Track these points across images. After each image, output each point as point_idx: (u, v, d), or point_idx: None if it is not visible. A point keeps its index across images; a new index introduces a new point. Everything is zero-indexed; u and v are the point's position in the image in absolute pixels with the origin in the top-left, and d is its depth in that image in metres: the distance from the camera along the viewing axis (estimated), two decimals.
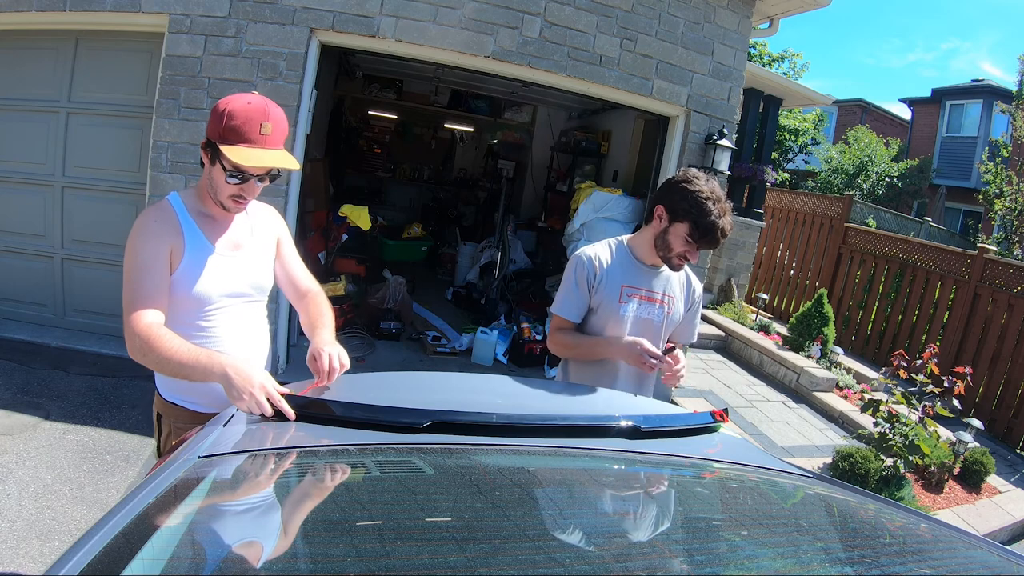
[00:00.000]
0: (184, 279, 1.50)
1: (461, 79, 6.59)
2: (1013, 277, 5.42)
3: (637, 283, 1.92)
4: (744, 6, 4.38)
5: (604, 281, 1.90)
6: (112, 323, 4.00)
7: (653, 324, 1.94)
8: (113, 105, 3.75)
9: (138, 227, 1.50)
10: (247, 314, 1.63)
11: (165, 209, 1.53)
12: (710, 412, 1.48)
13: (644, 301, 1.92)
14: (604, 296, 1.90)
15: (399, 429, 1.12)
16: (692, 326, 2.08)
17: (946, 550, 1.05)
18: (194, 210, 1.55)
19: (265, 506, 0.95)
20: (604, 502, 1.11)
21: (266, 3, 3.54)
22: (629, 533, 0.99)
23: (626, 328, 1.90)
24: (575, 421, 1.31)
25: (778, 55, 14.49)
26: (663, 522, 1.05)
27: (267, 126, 1.43)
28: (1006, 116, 12.27)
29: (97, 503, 2.52)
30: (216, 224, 1.56)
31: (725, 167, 4.42)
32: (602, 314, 1.91)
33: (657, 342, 1.94)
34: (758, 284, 8.21)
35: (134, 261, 1.48)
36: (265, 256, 1.66)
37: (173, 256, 1.49)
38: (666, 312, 1.95)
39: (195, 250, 1.51)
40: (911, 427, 3.77)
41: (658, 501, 1.16)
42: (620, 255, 1.95)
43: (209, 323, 1.55)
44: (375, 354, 4.64)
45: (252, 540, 0.83)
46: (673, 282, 1.98)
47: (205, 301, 1.53)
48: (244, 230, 1.62)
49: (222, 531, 0.85)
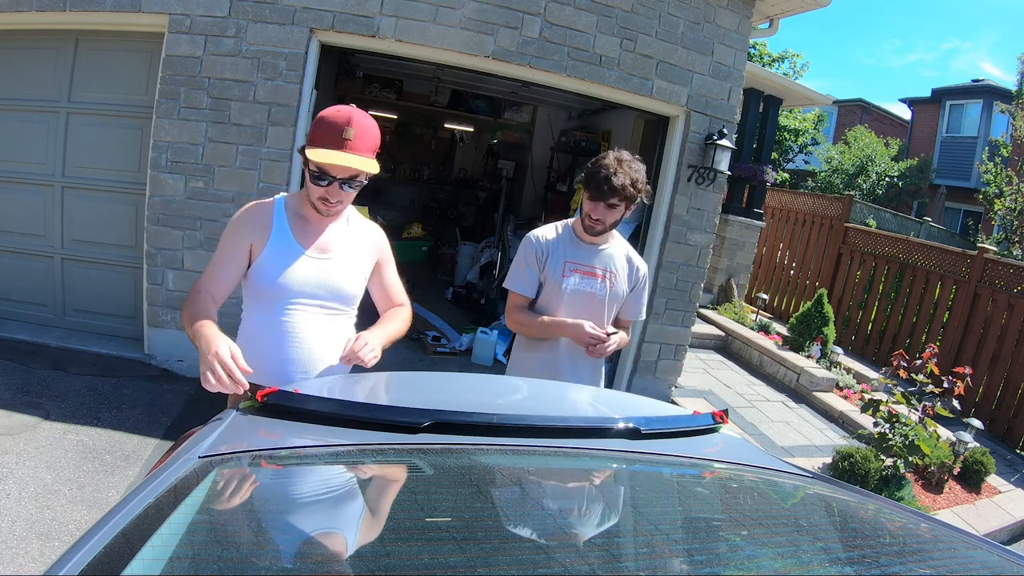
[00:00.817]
0: (261, 269, 1.61)
1: (461, 79, 6.58)
2: (1013, 277, 5.42)
3: (578, 259, 2.10)
4: (744, 6, 4.38)
5: (550, 257, 2.10)
6: (112, 323, 4.00)
7: (596, 297, 2.11)
8: (113, 105, 3.74)
9: (234, 217, 1.65)
10: (328, 324, 1.68)
11: (265, 204, 1.66)
12: (710, 413, 1.48)
13: (586, 276, 2.10)
14: (550, 271, 2.09)
15: (399, 429, 1.12)
16: (639, 304, 2.23)
17: (946, 550, 1.05)
18: (292, 210, 1.66)
19: (265, 506, 0.95)
20: (604, 502, 1.11)
21: (266, 3, 3.54)
22: (629, 533, 0.99)
23: (568, 300, 2.08)
24: (575, 422, 1.31)
25: (778, 55, 14.49)
26: (663, 522, 1.05)
27: (350, 131, 1.52)
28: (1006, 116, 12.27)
29: (97, 503, 2.52)
30: (308, 226, 1.66)
31: (725, 167, 4.42)
32: (548, 288, 2.10)
33: (601, 315, 2.12)
34: (758, 284, 8.21)
35: (219, 246, 1.63)
36: (352, 267, 1.71)
37: (254, 249, 1.61)
38: (608, 287, 2.11)
39: (278, 244, 1.61)
40: (911, 427, 3.78)
41: (658, 501, 1.16)
42: (564, 234, 2.14)
43: (287, 320, 1.62)
44: None
45: (252, 540, 0.83)
46: (616, 260, 2.14)
47: (281, 294, 1.61)
48: (337, 237, 1.69)
49: (222, 531, 0.85)
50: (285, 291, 1.61)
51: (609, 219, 2.03)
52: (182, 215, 3.65)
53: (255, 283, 1.62)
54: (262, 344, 1.62)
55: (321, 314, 1.66)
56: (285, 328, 1.62)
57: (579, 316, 2.07)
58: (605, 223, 2.03)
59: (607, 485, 1.20)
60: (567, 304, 2.09)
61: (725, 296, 7.12)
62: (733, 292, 7.10)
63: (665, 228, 4.52)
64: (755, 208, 7.33)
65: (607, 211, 2.00)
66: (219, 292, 1.59)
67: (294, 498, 0.99)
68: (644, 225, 4.70)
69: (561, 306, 2.10)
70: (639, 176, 2.00)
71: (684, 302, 4.64)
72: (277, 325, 1.62)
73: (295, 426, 1.18)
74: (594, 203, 2.00)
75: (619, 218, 2.05)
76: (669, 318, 4.62)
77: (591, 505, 1.09)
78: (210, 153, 3.62)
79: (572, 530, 0.96)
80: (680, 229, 4.51)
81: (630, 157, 2.03)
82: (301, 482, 1.05)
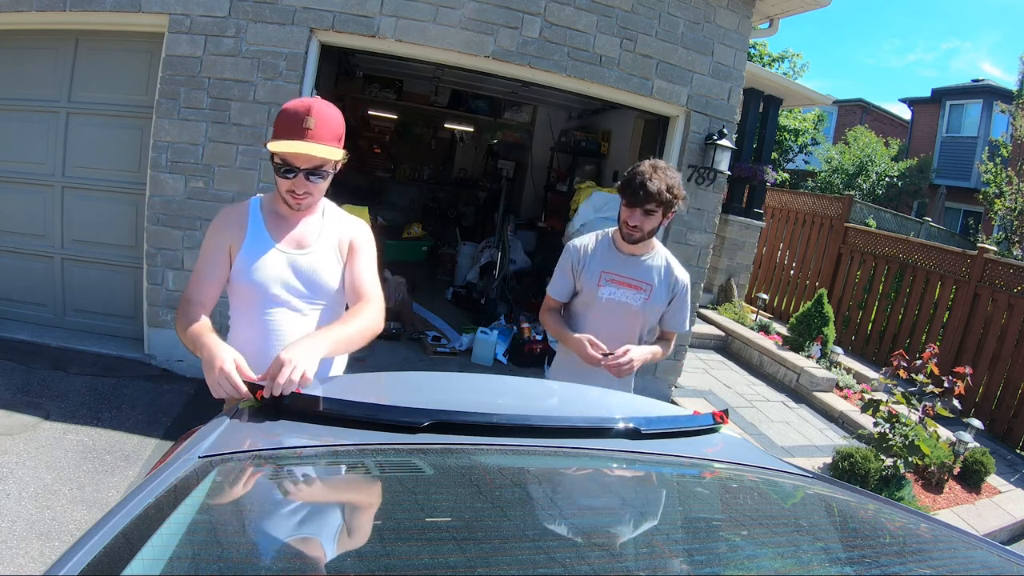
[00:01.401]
0: (240, 268, 1.61)
1: (461, 79, 6.58)
2: (1013, 277, 5.42)
3: (615, 269, 2.11)
4: (744, 6, 4.38)
5: (586, 267, 2.13)
6: (112, 323, 4.00)
7: (631, 308, 2.11)
8: (113, 105, 3.74)
9: (213, 221, 1.66)
10: (311, 319, 1.68)
11: (240, 206, 1.67)
12: (710, 414, 1.48)
13: (621, 286, 2.11)
14: (586, 280, 2.12)
15: (399, 429, 1.12)
16: (681, 315, 2.22)
17: (946, 550, 1.05)
18: (267, 208, 1.67)
19: (265, 506, 0.95)
20: (604, 502, 1.11)
21: (266, 3, 3.54)
22: (629, 533, 0.99)
23: (601, 309, 2.11)
24: (575, 422, 1.31)
25: (778, 55, 14.49)
26: (664, 522, 1.05)
27: (310, 120, 1.51)
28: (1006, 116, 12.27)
29: (97, 503, 2.52)
30: (283, 222, 1.66)
31: (725, 167, 4.43)
32: (584, 296, 2.14)
33: (636, 326, 2.14)
34: (758, 284, 8.21)
35: (200, 253, 1.65)
36: (330, 260, 1.69)
37: (233, 250, 1.62)
38: (644, 298, 2.12)
39: (253, 243, 1.62)
40: (911, 427, 3.77)
41: (658, 501, 1.16)
42: (603, 244, 2.17)
43: (270, 318, 1.63)
44: (375, 354, 4.64)
45: (252, 540, 0.83)
46: (654, 271, 2.14)
47: (261, 292, 1.62)
48: (312, 231, 1.68)
49: (222, 531, 0.85)
50: (264, 288, 1.61)
51: (647, 226, 2.03)
52: (182, 215, 3.65)
53: (236, 283, 1.63)
54: (248, 343, 1.61)
55: (303, 308, 1.66)
56: (268, 326, 1.64)
57: (612, 326, 2.10)
58: (643, 230, 2.04)
59: (607, 485, 1.20)
60: (601, 313, 2.12)
61: (725, 296, 7.12)
62: (733, 292, 7.10)
63: (665, 228, 4.52)
64: (755, 208, 7.33)
65: (644, 218, 2.01)
66: (207, 298, 1.59)
67: (294, 498, 0.99)
68: None
69: (596, 315, 2.13)
70: (674, 182, 2.02)
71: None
72: (261, 323, 1.64)
73: (295, 426, 1.18)
74: (631, 210, 2.02)
75: (657, 225, 2.06)
76: None
77: (591, 505, 1.09)
78: (210, 153, 3.62)
79: (572, 530, 0.95)
80: (680, 229, 4.51)
81: (665, 165, 2.06)
82: (301, 482, 1.05)
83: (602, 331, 2.11)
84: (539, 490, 1.11)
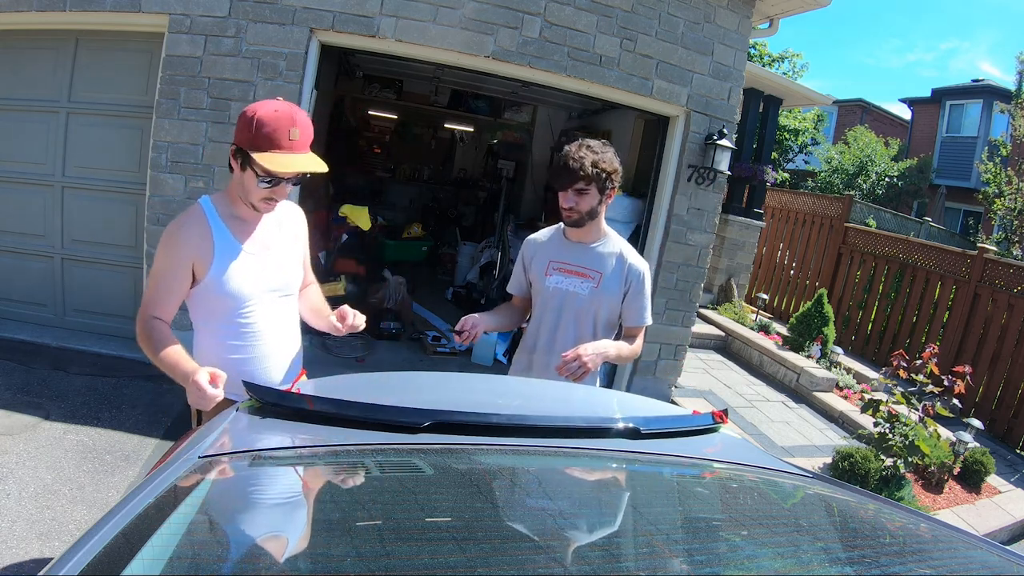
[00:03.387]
0: (216, 279, 1.58)
1: (461, 79, 6.58)
2: (1013, 277, 5.42)
3: (563, 258, 2.06)
4: (744, 6, 4.37)
5: (536, 258, 2.11)
6: (112, 323, 4.00)
7: (579, 297, 2.03)
8: (113, 105, 3.74)
9: (167, 234, 1.57)
10: (282, 309, 1.73)
11: (195, 215, 1.59)
12: (710, 413, 1.48)
13: (569, 275, 2.04)
14: (535, 271, 2.10)
15: (399, 429, 1.12)
16: (638, 306, 2.07)
17: (946, 550, 1.05)
18: (225, 213, 1.62)
19: (265, 506, 0.95)
20: (604, 502, 1.11)
21: (266, 3, 3.54)
22: (629, 533, 0.99)
23: (550, 299, 2.06)
24: (575, 422, 1.31)
25: (778, 55, 14.48)
26: (663, 522, 1.05)
27: (295, 132, 1.50)
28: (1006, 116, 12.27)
29: (97, 503, 2.52)
30: (246, 225, 1.64)
31: (725, 167, 4.42)
32: (535, 288, 2.11)
33: (586, 318, 2.05)
34: (758, 284, 8.21)
35: (156, 266, 1.59)
36: (292, 252, 1.75)
37: (199, 263, 1.56)
38: (593, 286, 2.03)
39: (225, 252, 1.59)
40: (911, 427, 3.77)
41: (658, 501, 1.16)
42: (554, 235, 2.14)
43: (247, 319, 1.64)
44: (375, 354, 4.64)
45: (252, 540, 0.83)
46: (606, 259, 2.06)
47: (240, 299, 1.61)
48: (272, 228, 1.70)
49: (222, 531, 0.85)
50: (243, 293, 1.61)
51: (583, 205, 1.96)
52: None
53: (212, 292, 1.58)
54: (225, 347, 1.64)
55: (274, 303, 1.70)
56: (247, 329, 1.64)
57: (560, 317, 2.04)
58: (580, 211, 1.96)
59: (607, 485, 1.20)
60: (549, 304, 2.05)
61: (725, 296, 7.12)
62: (733, 292, 7.10)
63: (665, 228, 4.52)
64: (755, 208, 7.33)
65: (578, 197, 1.95)
66: (167, 315, 1.57)
67: (294, 498, 0.99)
68: (644, 225, 4.70)
69: (544, 306, 2.07)
70: (602, 157, 1.94)
71: (684, 302, 4.64)
72: (238, 327, 1.63)
73: (295, 426, 1.18)
74: (564, 192, 1.96)
75: (596, 204, 1.98)
76: (669, 318, 4.62)
77: (591, 505, 1.09)
78: (210, 153, 3.62)
79: (572, 530, 0.95)
80: (680, 229, 4.51)
81: (597, 143, 1.99)
82: (301, 482, 1.05)
83: (550, 322, 2.05)
84: (539, 490, 1.11)
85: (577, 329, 2.04)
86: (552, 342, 2.05)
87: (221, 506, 0.92)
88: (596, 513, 1.06)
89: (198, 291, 1.59)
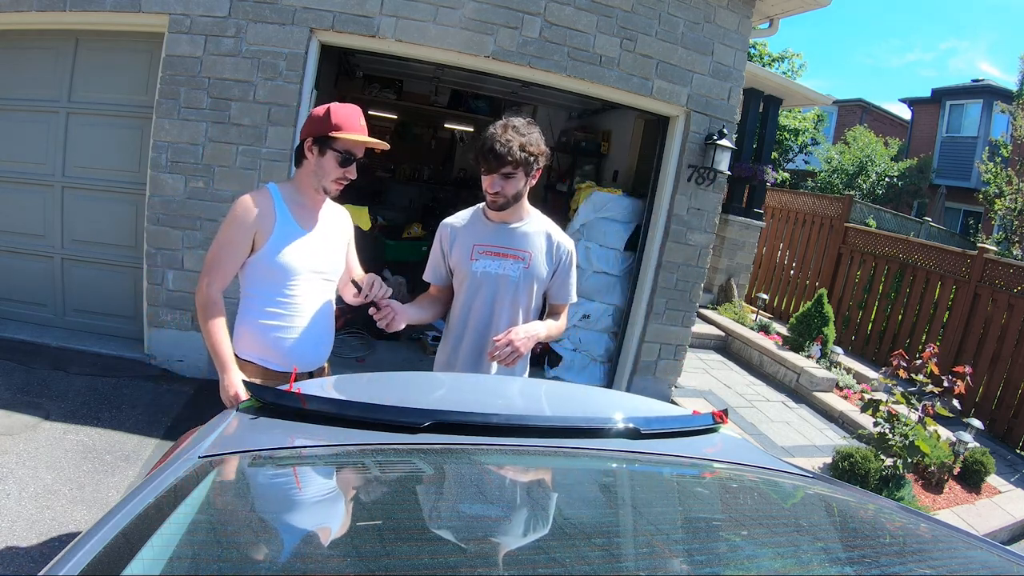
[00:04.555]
0: (272, 251, 1.78)
1: (461, 79, 6.58)
2: (1013, 277, 5.42)
3: (488, 240, 1.98)
4: (744, 6, 4.38)
5: (457, 241, 2.00)
6: (112, 323, 4.00)
7: (509, 280, 1.97)
8: (113, 105, 3.74)
9: (236, 206, 1.79)
10: (322, 290, 1.91)
11: (264, 194, 1.83)
12: (710, 413, 1.48)
13: (496, 257, 1.97)
14: (458, 256, 1.99)
15: (399, 429, 1.12)
16: (567, 285, 2.07)
17: (946, 550, 1.05)
18: (289, 199, 1.86)
19: (265, 506, 0.95)
20: (604, 502, 1.11)
21: (266, 3, 3.53)
22: (629, 533, 0.99)
23: (479, 284, 1.97)
24: (575, 422, 1.31)
25: (778, 55, 14.49)
26: (663, 522, 1.05)
27: (362, 120, 1.84)
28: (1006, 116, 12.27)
29: (97, 503, 2.52)
30: (305, 211, 1.88)
31: (725, 167, 4.42)
32: (460, 274, 2.00)
33: (517, 300, 1.98)
34: (758, 284, 8.21)
35: (221, 233, 1.79)
36: (339, 243, 1.97)
37: (260, 234, 1.78)
38: (523, 267, 1.97)
39: (284, 228, 1.81)
40: (911, 427, 3.77)
41: (658, 501, 1.16)
42: (474, 217, 2.04)
43: (290, 292, 1.82)
44: (375, 354, 4.64)
45: (252, 540, 0.83)
46: (532, 238, 2.00)
47: (288, 272, 1.81)
48: (325, 217, 1.93)
49: (222, 531, 0.85)
50: (294, 268, 1.81)
51: (509, 190, 1.89)
52: (182, 215, 3.65)
53: (265, 262, 1.79)
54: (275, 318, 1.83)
55: (319, 284, 1.89)
56: (294, 301, 1.84)
57: (490, 301, 1.96)
58: (506, 195, 1.89)
59: (607, 485, 1.20)
60: (477, 289, 1.96)
61: (725, 296, 7.12)
62: (733, 292, 7.10)
63: (665, 228, 4.52)
64: (755, 208, 7.33)
65: (504, 181, 1.87)
66: (227, 281, 1.81)
67: (294, 498, 0.99)
68: (644, 225, 4.70)
69: (472, 291, 1.97)
70: (529, 139, 1.87)
71: (684, 302, 4.64)
72: (286, 300, 1.83)
73: (295, 426, 1.18)
74: (489, 176, 1.88)
75: (522, 187, 1.91)
76: (669, 318, 4.62)
77: (591, 505, 1.09)
78: (210, 153, 3.62)
79: (572, 530, 0.95)
80: (680, 229, 4.51)
81: (522, 122, 1.91)
82: (301, 482, 1.05)
83: (481, 308, 1.97)
84: (539, 490, 1.11)
85: (510, 312, 1.98)
86: (484, 328, 1.97)
87: (221, 506, 0.92)
88: (596, 513, 1.06)
89: (253, 260, 1.80)
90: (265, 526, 0.88)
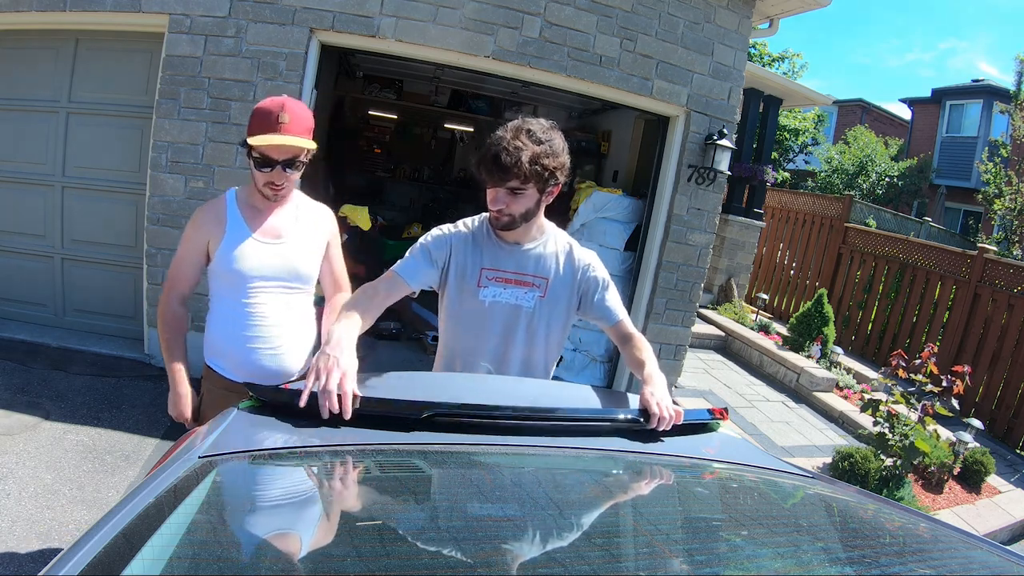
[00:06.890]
0: (223, 259, 1.73)
1: (461, 79, 6.58)
2: (1013, 277, 5.42)
3: (499, 264, 1.62)
4: (744, 6, 4.37)
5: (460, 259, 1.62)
6: (112, 323, 4.00)
7: (523, 311, 1.64)
8: (113, 105, 3.74)
9: (192, 216, 1.78)
10: (290, 302, 1.81)
11: (217, 201, 1.79)
12: (708, 409, 1.49)
13: (508, 284, 1.63)
14: (461, 278, 1.62)
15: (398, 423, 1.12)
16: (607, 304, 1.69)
17: (946, 550, 1.05)
18: (243, 202, 1.78)
19: (265, 506, 0.95)
20: (603, 501, 1.11)
21: (266, 3, 3.53)
22: (629, 533, 0.99)
23: (488, 316, 1.63)
24: (575, 421, 1.31)
25: (778, 55, 14.50)
26: (663, 522, 1.05)
27: (284, 115, 1.63)
28: (1006, 116, 12.27)
29: (97, 503, 2.52)
30: (260, 214, 1.78)
31: (725, 167, 4.42)
32: (464, 299, 1.63)
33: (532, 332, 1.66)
34: (758, 284, 8.21)
35: (180, 244, 1.78)
36: (307, 247, 1.84)
37: (212, 242, 1.74)
38: (539, 296, 1.64)
39: (234, 234, 1.74)
40: (911, 427, 3.77)
41: (658, 501, 1.16)
42: (480, 232, 1.65)
43: (251, 302, 1.75)
44: (375, 354, 4.64)
45: (252, 540, 0.83)
46: (547, 260, 1.65)
47: (242, 279, 1.74)
48: (288, 221, 1.81)
49: (222, 531, 0.85)
50: (246, 276, 1.73)
51: (516, 208, 1.52)
52: (182, 215, 3.65)
53: (218, 271, 1.75)
54: (231, 326, 1.77)
55: (282, 294, 1.80)
56: (251, 310, 1.76)
57: (501, 334, 1.65)
58: (512, 214, 1.53)
59: (606, 484, 1.20)
60: (486, 321, 1.64)
61: (725, 296, 7.12)
62: (733, 292, 7.10)
63: (665, 228, 4.52)
64: (755, 208, 7.33)
65: (511, 198, 1.51)
66: (187, 290, 1.80)
67: (294, 498, 0.99)
68: (644, 225, 4.69)
69: (479, 323, 1.64)
70: (546, 148, 1.49)
71: (684, 302, 4.64)
72: (243, 308, 1.76)
73: (295, 426, 1.18)
74: (492, 190, 1.52)
75: (533, 205, 1.55)
76: (669, 318, 4.62)
77: (590, 504, 1.09)
78: (210, 153, 3.62)
79: (571, 529, 0.95)
80: (680, 229, 4.51)
81: (540, 126, 1.54)
82: (301, 482, 1.05)
83: (492, 343, 1.65)
84: (538, 489, 1.11)
85: (524, 348, 1.67)
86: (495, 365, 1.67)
87: (221, 506, 0.92)
88: (595, 512, 1.06)
89: (210, 268, 1.76)
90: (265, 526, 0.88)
